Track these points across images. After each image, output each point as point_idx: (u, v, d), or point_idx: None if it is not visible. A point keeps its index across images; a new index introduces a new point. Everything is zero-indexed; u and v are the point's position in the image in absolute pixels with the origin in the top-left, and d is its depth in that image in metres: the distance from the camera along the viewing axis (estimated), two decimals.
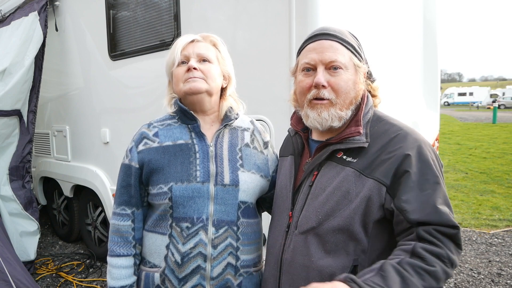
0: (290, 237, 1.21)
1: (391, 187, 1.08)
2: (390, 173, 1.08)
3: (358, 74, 1.18)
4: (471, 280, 3.53)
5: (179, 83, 1.35)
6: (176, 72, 1.36)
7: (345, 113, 1.16)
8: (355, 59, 1.18)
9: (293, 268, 1.19)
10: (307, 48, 1.21)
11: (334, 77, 1.15)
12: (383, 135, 1.15)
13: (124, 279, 1.36)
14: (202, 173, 1.31)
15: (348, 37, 1.20)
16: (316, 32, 1.21)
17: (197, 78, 1.33)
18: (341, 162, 1.16)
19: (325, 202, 1.14)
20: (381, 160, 1.10)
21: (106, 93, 3.60)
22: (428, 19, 3.47)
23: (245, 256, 1.36)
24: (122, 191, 1.39)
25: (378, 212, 1.09)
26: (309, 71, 1.19)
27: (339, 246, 1.13)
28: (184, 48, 1.36)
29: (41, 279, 3.69)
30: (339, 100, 1.15)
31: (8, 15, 3.77)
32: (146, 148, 1.36)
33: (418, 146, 1.10)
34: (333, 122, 1.16)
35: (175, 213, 1.31)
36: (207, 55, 1.36)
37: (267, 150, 1.48)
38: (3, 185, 3.60)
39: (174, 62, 1.36)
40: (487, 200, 6.11)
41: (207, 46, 1.39)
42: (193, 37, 1.39)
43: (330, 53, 1.15)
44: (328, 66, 1.15)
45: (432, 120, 3.75)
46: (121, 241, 1.38)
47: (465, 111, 37.78)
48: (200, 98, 1.36)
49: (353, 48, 1.19)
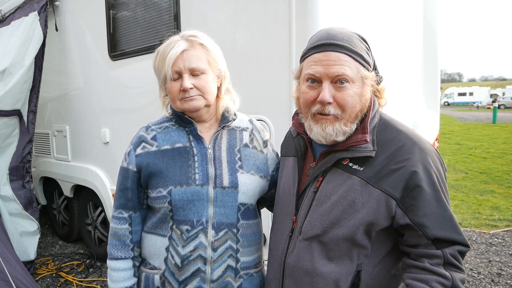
0: (293, 242, 1.20)
1: (401, 201, 1.06)
2: (399, 186, 1.06)
3: (365, 85, 1.13)
4: (471, 280, 3.53)
5: (176, 100, 1.31)
6: (170, 89, 1.31)
7: (349, 128, 1.13)
8: (363, 71, 1.12)
9: (296, 273, 1.18)
10: (313, 58, 1.13)
11: (340, 93, 1.10)
12: (390, 143, 1.12)
13: (123, 281, 1.37)
14: (201, 176, 1.31)
15: (356, 45, 1.13)
16: (322, 41, 1.13)
17: (194, 96, 1.29)
18: (347, 170, 1.14)
19: (331, 211, 1.13)
20: (388, 170, 1.08)
21: (106, 93, 3.60)
22: (428, 19, 3.47)
23: (245, 258, 1.36)
24: (119, 194, 1.39)
25: (385, 223, 1.09)
26: (313, 82, 1.13)
27: (343, 253, 1.12)
28: (175, 63, 1.27)
29: (41, 279, 3.68)
30: (345, 115, 1.11)
31: (8, 15, 3.77)
32: (144, 152, 1.35)
33: (426, 158, 1.09)
34: (338, 137, 1.13)
35: (175, 216, 1.31)
36: (199, 67, 1.29)
37: (266, 149, 1.47)
38: (3, 185, 3.60)
39: (166, 78, 1.30)
40: (487, 200, 6.11)
41: (197, 54, 1.30)
42: (182, 48, 1.28)
43: (337, 66, 1.09)
44: (334, 80, 1.10)
45: (432, 120, 3.75)
46: (119, 244, 1.38)
47: (465, 111, 37.77)
48: (199, 113, 1.35)
49: (361, 58, 1.12)
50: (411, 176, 1.06)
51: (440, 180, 1.10)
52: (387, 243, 1.14)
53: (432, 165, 1.09)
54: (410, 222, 1.06)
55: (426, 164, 1.08)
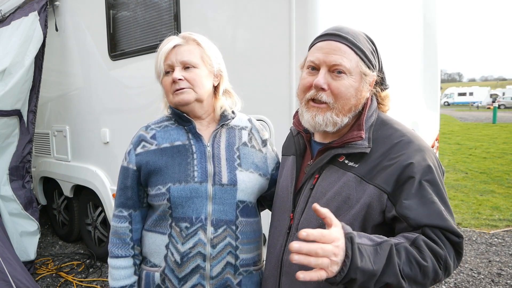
0: (291, 239, 1.21)
1: (392, 194, 1.07)
2: (391, 180, 1.07)
3: (363, 81, 1.14)
4: (471, 280, 3.53)
5: (169, 94, 1.35)
6: (164, 83, 1.35)
7: (340, 119, 1.14)
8: (362, 66, 1.13)
9: (293, 270, 1.18)
10: (316, 46, 1.16)
11: (336, 81, 1.11)
12: (386, 140, 1.13)
13: (123, 279, 1.38)
14: (199, 173, 1.32)
15: (361, 41, 1.14)
16: (328, 31, 1.16)
17: (184, 89, 1.31)
18: (343, 167, 1.14)
19: (326, 207, 1.13)
20: (383, 166, 1.09)
21: (106, 93, 3.60)
22: (428, 19, 3.47)
23: (245, 255, 1.36)
24: (120, 193, 1.41)
25: (378, 218, 1.09)
26: (313, 70, 1.15)
27: None
28: (167, 57, 1.32)
29: (41, 279, 3.69)
30: (337, 105, 1.12)
31: (8, 15, 3.77)
32: (144, 150, 1.36)
33: (421, 154, 1.09)
34: (327, 127, 1.14)
35: (174, 213, 1.32)
36: (191, 61, 1.32)
37: (265, 148, 1.48)
38: (3, 185, 3.60)
39: (160, 72, 1.34)
40: (487, 200, 6.11)
41: (190, 49, 1.33)
42: (175, 42, 1.33)
43: (336, 55, 1.11)
44: (331, 69, 1.11)
45: (432, 120, 3.75)
46: (119, 242, 1.39)
47: (465, 111, 37.78)
48: (191, 107, 1.36)
49: (363, 54, 1.13)
50: (403, 170, 1.06)
51: (436, 175, 1.09)
52: None
53: (428, 161, 1.09)
54: (396, 214, 1.05)
55: (420, 159, 1.08)
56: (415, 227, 1.03)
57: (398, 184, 1.06)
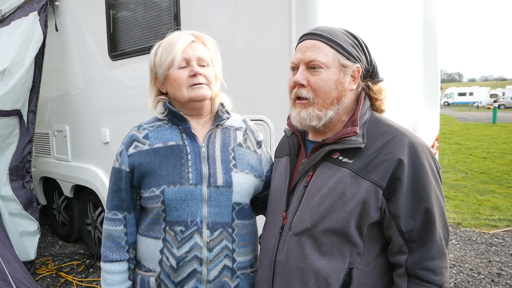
0: (284, 239, 1.20)
1: (386, 190, 1.07)
2: (386, 176, 1.07)
3: (342, 73, 1.15)
4: (471, 280, 3.53)
5: (182, 88, 1.30)
6: (177, 76, 1.30)
7: (323, 113, 1.16)
8: (340, 59, 1.15)
9: (287, 270, 1.18)
10: (296, 48, 1.22)
11: (314, 77, 1.15)
12: (381, 137, 1.14)
13: (118, 284, 1.34)
14: (194, 175, 1.29)
15: (337, 35, 1.17)
16: (306, 32, 1.22)
17: (202, 84, 1.30)
18: (337, 163, 1.15)
19: (320, 203, 1.13)
20: (378, 161, 1.09)
21: (106, 93, 3.60)
22: (428, 19, 3.47)
23: (242, 258, 1.35)
24: (113, 195, 1.37)
25: (375, 215, 1.09)
26: (294, 70, 1.20)
27: (334, 248, 1.12)
28: (184, 51, 1.29)
29: (41, 279, 3.68)
30: (318, 99, 1.15)
31: (8, 15, 3.78)
32: (137, 151, 1.33)
33: (414, 150, 1.09)
34: (312, 121, 1.16)
35: (168, 217, 1.29)
36: (205, 58, 1.32)
37: (260, 149, 1.47)
38: (3, 185, 3.60)
39: (173, 64, 1.30)
40: (487, 200, 6.11)
41: (202, 47, 1.34)
42: (191, 39, 1.33)
43: (311, 52, 1.15)
44: (309, 65, 1.15)
45: (432, 120, 3.75)
46: (113, 246, 1.36)
47: (465, 111, 37.77)
48: (203, 104, 1.36)
49: (339, 47, 1.15)
50: (396, 166, 1.07)
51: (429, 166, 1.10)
52: (379, 241, 1.14)
53: (422, 157, 1.09)
54: (388, 212, 1.08)
55: (414, 155, 1.09)
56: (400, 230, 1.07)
57: (392, 180, 1.07)
